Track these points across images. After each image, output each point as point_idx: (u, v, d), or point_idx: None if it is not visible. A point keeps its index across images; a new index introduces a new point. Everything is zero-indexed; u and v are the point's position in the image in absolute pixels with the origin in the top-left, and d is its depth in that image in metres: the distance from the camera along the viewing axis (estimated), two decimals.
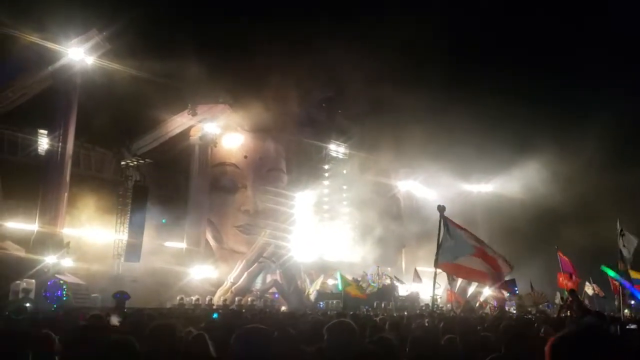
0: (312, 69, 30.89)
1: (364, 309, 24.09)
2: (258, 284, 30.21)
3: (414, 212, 40.79)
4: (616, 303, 18.12)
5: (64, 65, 23.27)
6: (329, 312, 19.51)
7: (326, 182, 37.94)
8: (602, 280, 23.61)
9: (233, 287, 27.85)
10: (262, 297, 28.65)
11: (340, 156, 38.57)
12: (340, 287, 26.56)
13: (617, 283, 16.79)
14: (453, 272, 9.30)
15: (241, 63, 28.80)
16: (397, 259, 39.81)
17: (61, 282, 20.06)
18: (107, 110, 24.09)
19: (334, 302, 27.70)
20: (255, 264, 29.39)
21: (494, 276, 9.00)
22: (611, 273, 16.85)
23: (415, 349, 5.08)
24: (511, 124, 36.96)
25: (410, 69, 35.20)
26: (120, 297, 19.21)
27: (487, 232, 33.13)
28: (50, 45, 22.63)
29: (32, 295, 19.31)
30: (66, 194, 23.43)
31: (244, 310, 18.48)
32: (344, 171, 38.36)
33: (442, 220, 8.37)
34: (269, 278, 31.04)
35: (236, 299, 26.21)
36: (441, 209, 8.21)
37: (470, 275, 9.44)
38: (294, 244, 32.87)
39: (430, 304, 11.16)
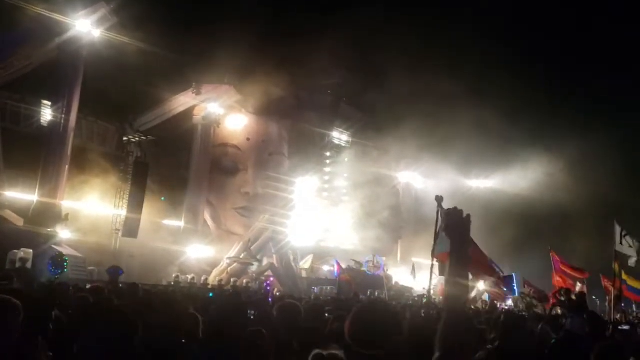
0: (320, 55, 30.76)
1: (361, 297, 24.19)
2: (254, 266, 30.31)
3: (412, 203, 40.86)
4: (607, 304, 18.16)
5: (71, 38, 23.15)
6: (321, 297, 19.64)
7: (327, 169, 37.95)
8: (592, 281, 23.70)
9: (229, 268, 27.96)
10: (258, 279, 28.74)
11: (343, 144, 38.49)
12: (336, 273, 26.73)
13: (609, 284, 16.78)
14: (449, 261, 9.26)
15: (248, 45, 28.70)
16: (393, 249, 39.93)
17: (63, 254, 20.09)
18: (111, 85, 24.02)
19: (328, 287, 27.84)
20: (253, 246, 29.46)
21: (491, 269, 9.08)
22: None
23: (414, 336, 5.13)
24: (515, 120, 36.89)
25: (416, 61, 35.07)
26: (114, 272, 19.24)
27: (483, 228, 33.21)
28: (57, 17, 22.52)
29: (29, 264, 19.39)
30: (67, 167, 23.46)
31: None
32: (346, 159, 38.33)
33: (439, 211, 8.38)
34: (265, 261, 31.15)
35: (232, 280, 26.32)
36: (439, 199, 8.22)
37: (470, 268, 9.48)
38: (292, 229, 32.96)
39: (427, 295, 11.22)
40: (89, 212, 25.64)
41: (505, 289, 21.69)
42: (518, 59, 39.28)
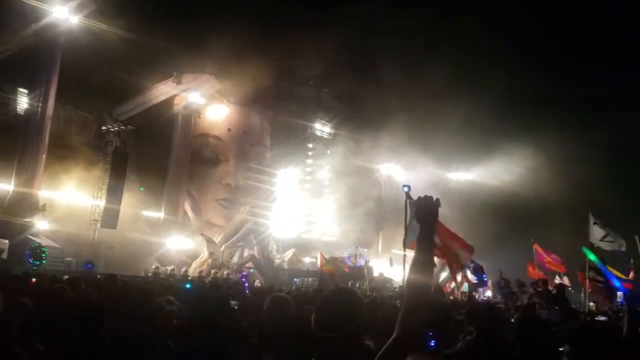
0: (302, 45, 30.59)
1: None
2: (235, 257, 30.22)
3: (394, 195, 40.92)
4: (582, 295, 18.39)
5: (48, 24, 22.72)
6: (302, 289, 19.62)
7: (309, 161, 37.90)
8: (570, 274, 23.98)
9: (209, 260, 27.81)
10: (239, 270, 28.65)
11: (325, 136, 38.46)
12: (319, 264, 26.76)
13: (584, 275, 16.96)
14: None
15: (230, 35, 28.43)
16: (374, 241, 40.07)
17: (42, 245, 19.81)
18: (90, 73, 23.67)
19: (310, 279, 27.83)
20: (234, 238, 29.37)
21: (459, 256, 9.10)
22: (591, 257, 16.65)
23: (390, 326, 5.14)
24: (497, 114, 37.09)
25: (399, 54, 35.06)
26: (85, 266, 19.20)
27: (464, 220, 33.45)
28: (34, 2, 22.08)
29: (5, 255, 19.09)
30: (44, 156, 23.09)
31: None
32: (328, 151, 38.30)
33: (407, 200, 8.38)
34: (246, 252, 31.07)
35: (212, 271, 26.18)
36: (407, 189, 8.23)
37: (437, 254, 9.49)
38: (273, 220, 32.88)
39: (404, 286, 11.28)
40: (67, 202, 25.24)
41: (475, 280, 21.92)
42: (502, 54, 39.33)
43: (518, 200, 37.06)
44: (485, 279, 27.55)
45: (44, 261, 18.74)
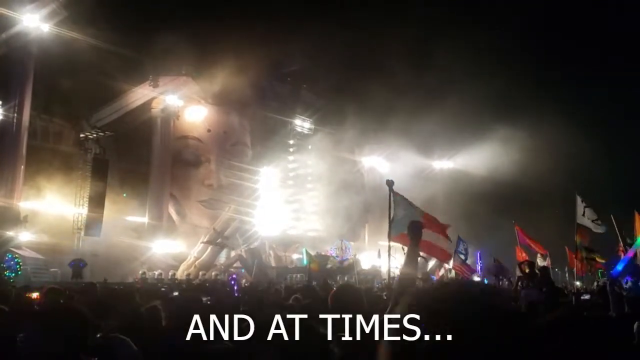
0: (278, 42, 30.50)
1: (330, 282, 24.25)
2: (222, 258, 30.13)
3: (377, 187, 41.01)
4: (567, 276, 18.65)
5: (19, 33, 22.40)
6: (293, 287, 19.62)
7: (291, 157, 37.85)
8: (556, 253, 24.23)
9: (197, 262, 27.70)
10: (227, 271, 28.59)
11: (306, 131, 38.42)
12: (305, 261, 26.73)
13: (573, 255, 17.15)
14: (407, 243, 9.20)
15: (205, 34, 28.26)
16: (360, 234, 40.18)
17: (16, 256, 19.59)
18: (65, 81, 23.35)
19: (298, 275, 27.84)
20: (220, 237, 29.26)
21: (444, 248, 9.19)
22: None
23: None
24: (475, 101, 37.30)
25: (375, 45, 35.12)
26: (76, 264, 18.79)
27: (448, 208, 33.70)
28: (3, 10, 21.74)
29: None
30: (23, 167, 22.81)
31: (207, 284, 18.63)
32: (309, 146, 38.27)
33: (391, 195, 8.48)
34: (233, 252, 30.99)
35: (200, 273, 26.10)
36: (389, 183, 8.31)
37: (424, 247, 9.54)
38: (258, 218, 32.81)
39: (387, 277, 11.37)
40: (49, 213, 24.94)
41: (471, 273, 22.16)
42: (482, 43, 39.47)
43: (503, 185, 37.35)
44: (479, 266, 27.75)
45: (19, 272, 18.55)
